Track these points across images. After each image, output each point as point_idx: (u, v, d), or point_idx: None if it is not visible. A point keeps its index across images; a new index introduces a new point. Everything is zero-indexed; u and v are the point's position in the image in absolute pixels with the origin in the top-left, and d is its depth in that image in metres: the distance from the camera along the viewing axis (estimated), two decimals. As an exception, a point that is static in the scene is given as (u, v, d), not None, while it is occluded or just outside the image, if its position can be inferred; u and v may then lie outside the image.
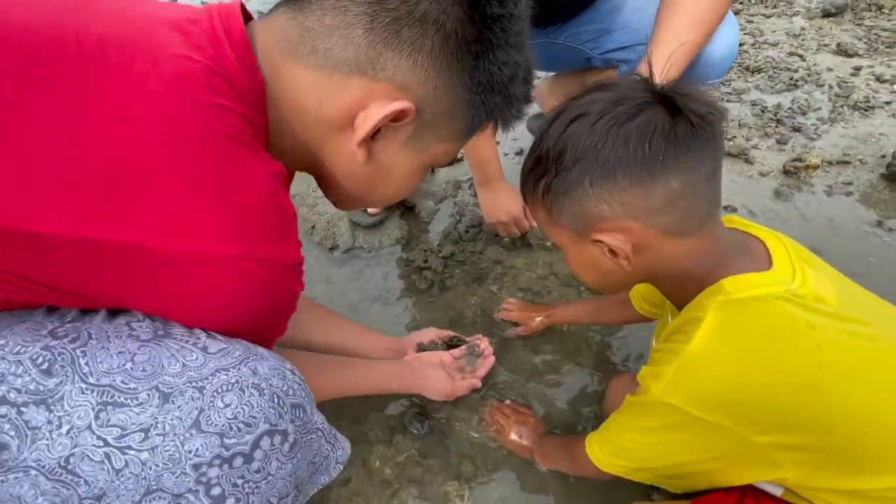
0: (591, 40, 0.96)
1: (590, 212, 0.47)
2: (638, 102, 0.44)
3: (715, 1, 0.73)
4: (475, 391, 0.83)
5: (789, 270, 0.46)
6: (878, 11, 2.10)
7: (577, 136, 0.45)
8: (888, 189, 1.19)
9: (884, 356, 0.44)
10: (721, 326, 0.44)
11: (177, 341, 0.40)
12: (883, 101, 1.53)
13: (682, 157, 0.43)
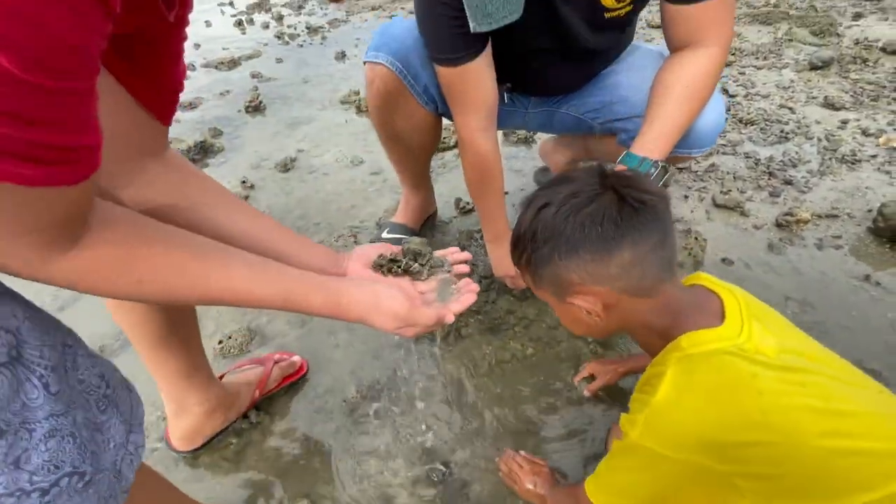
0: (592, 111, 1.06)
1: (563, 280, 0.58)
2: (590, 194, 0.55)
3: (701, 84, 0.82)
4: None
5: (738, 325, 0.54)
6: (863, 64, 2.23)
7: (545, 221, 0.57)
8: (875, 243, 1.27)
9: (812, 399, 0.51)
10: (679, 379, 0.53)
11: (26, 368, 0.39)
12: (868, 154, 1.63)
13: (629, 235, 0.54)
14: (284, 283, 0.52)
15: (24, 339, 0.40)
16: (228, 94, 2.48)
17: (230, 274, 0.48)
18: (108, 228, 0.41)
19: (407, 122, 1.04)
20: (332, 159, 1.83)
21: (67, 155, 0.33)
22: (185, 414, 0.85)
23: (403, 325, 0.56)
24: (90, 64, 0.32)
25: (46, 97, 0.30)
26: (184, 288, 0.46)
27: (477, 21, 0.79)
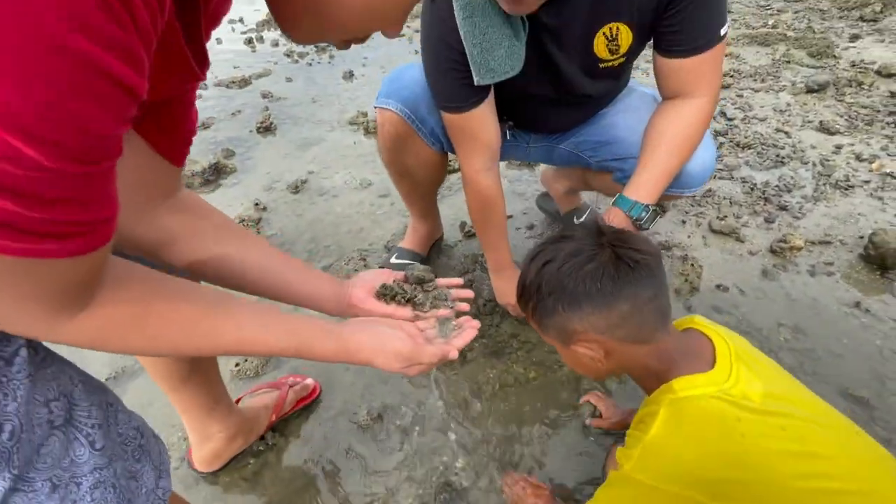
0: (589, 150, 1.12)
1: (566, 328, 0.63)
2: (589, 253, 0.61)
3: (690, 134, 0.88)
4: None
5: (726, 370, 0.59)
6: (858, 87, 2.28)
7: (549, 276, 0.62)
8: (865, 270, 1.32)
9: (791, 443, 0.55)
10: (670, 420, 0.58)
11: (76, 428, 0.44)
12: (862, 179, 1.67)
13: (626, 290, 0.59)
14: (294, 332, 0.53)
15: (75, 401, 0.45)
16: (240, 113, 2.56)
17: (241, 325, 0.49)
18: (121, 287, 0.41)
19: (415, 160, 1.10)
20: (341, 181, 1.90)
21: (83, 228, 0.33)
22: (208, 441, 0.90)
23: (408, 364, 0.58)
24: (115, 147, 0.32)
25: (71, 181, 0.31)
26: (196, 342, 0.47)
27: (480, 75, 0.85)
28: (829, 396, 1.02)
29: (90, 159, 0.31)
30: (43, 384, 0.42)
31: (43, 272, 0.34)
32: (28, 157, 0.27)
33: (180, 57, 0.41)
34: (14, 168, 0.27)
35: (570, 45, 0.87)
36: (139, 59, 0.30)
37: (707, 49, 0.84)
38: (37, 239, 0.31)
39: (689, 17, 0.81)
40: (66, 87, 0.26)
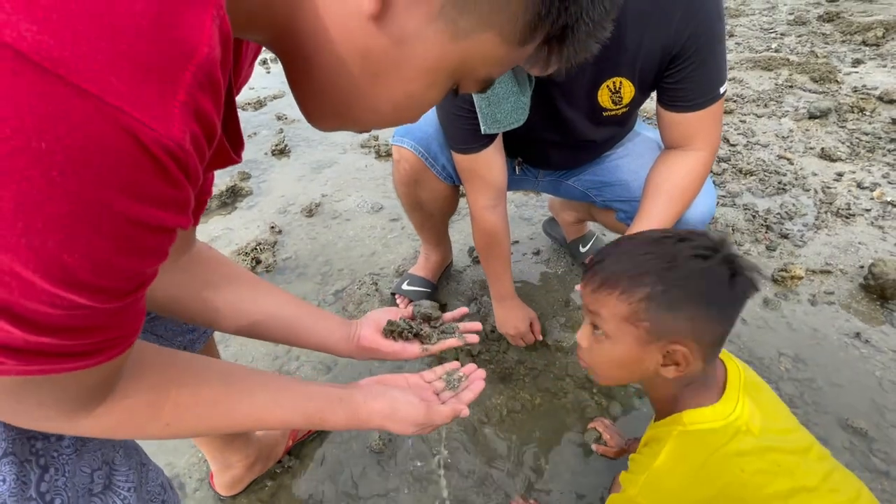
0: (594, 188, 1.17)
1: (674, 328, 0.59)
2: (722, 260, 0.58)
3: (688, 185, 0.92)
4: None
5: (733, 403, 0.62)
6: (860, 114, 2.32)
7: (686, 267, 0.57)
8: (866, 300, 1.35)
9: (784, 477, 0.59)
10: (676, 452, 0.62)
11: (114, 493, 0.47)
12: (863, 207, 1.71)
13: (735, 311, 0.60)
14: (306, 405, 0.53)
15: (116, 467, 0.49)
16: (255, 136, 2.64)
17: (254, 402, 0.50)
18: (137, 378, 0.42)
19: (428, 194, 1.16)
20: (353, 204, 1.96)
21: (112, 343, 0.33)
22: (229, 469, 0.95)
23: (421, 429, 0.59)
24: (154, 276, 0.33)
25: (109, 314, 0.31)
26: (212, 424, 0.48)
27: (487, 125, 0.91)
28: (829, 427, 1.05)
29: (131, 295, 0.31)
30: (89, 455, 0.47)
31: (67, 382, 0.34)
32: (71, 300, 0.27)
33: (222, 154, 0.40)
34: (54, 310, 0.27)
35: (575, 97, 0.93)
36: (189, 203, 0.30)
37: (707, 106, 0.88)
38: (66, 359, 0.31)
39: (690, 76, 0.85)
40: (122, 245, 0.27)
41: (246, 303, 0.63)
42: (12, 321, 0.26)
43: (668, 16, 0.80)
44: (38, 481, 0.41)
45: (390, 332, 0.68)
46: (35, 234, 0.24)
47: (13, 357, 0.29)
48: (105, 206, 0.25)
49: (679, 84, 0.86)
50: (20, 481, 0.39)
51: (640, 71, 0.87)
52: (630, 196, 1.06)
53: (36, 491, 0.40)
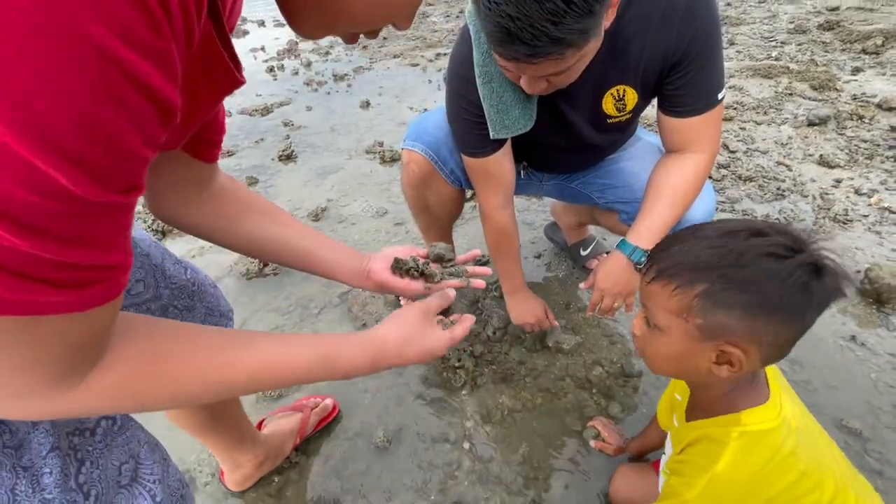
0: (597, 190, 1.20)
1: (731, 327, 0.54)
2: (802, 262, 0.52)
3: (688, 187, 0.95)
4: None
5: (778, 400, 0.62)
6: (859, 121, 2.35)
7: (753, 266, 0.52)
8: (862, 304, 1.37)
9: (829, 472, 0.60)
10: (740, 454, 0.59)
11: (140, 485, 0.50)
12: (860, 213, 1.73)
13: (810, 316, 0.53)
14: (317, 343, 0.50)
15: (141, 461, 0.52)
16: (262, 141, 2.70)
17: (257, 348, 0.46)
18: (127, 340, 0.39)
19: (436, 196, 1.20)
20: (358, 209, 2.00)
21: (102, 275, 0.31)
22: (239, 468, 0.98)
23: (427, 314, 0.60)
24: (139, 175, 0.30)
25: (95, 214, 0.28)
26: (214, 378, 0.43)
27: (496, 131, 0.95)
28: (825, 427, 1.06)
29: (116, 186, 0.28)
30: (117, 450, 0.50)
31: (56, 330, 0.31)
32: (56, 183, 0.25)
33: (221, 66, 0.39)
34: (39, 199, 0.25)
35: (580, 104, 0.96)
36: (174, 70, 0.28)
37: (706, 111, 0.91)
38: (53, 290, 0.28)
39: (690, 83, 0.89)
40: (100, 93, 0.24)
41: (265, 233, 0.66)
42: None
43: (668, 26, 0.84)
44: (77, 473, 0.44)
45: (397, 269, 0.70)
46: (9, 71, 0.21)
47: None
48: (81, 31, 0.22)
49: (679, 90, 0.90)
50: (63, 473, 0.42)
51: (642, 79, 0.91)
52: (632, 198, 1.09)
53: (75, 482, 0.43)
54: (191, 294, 0.68)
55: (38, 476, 0.41)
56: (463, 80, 0.94)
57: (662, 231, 0.94)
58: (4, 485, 0.39)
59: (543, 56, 0.70)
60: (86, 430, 0.46)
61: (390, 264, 0.70)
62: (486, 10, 0.67)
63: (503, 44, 0.70)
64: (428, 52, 4.16)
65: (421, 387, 1.24)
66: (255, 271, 1.65)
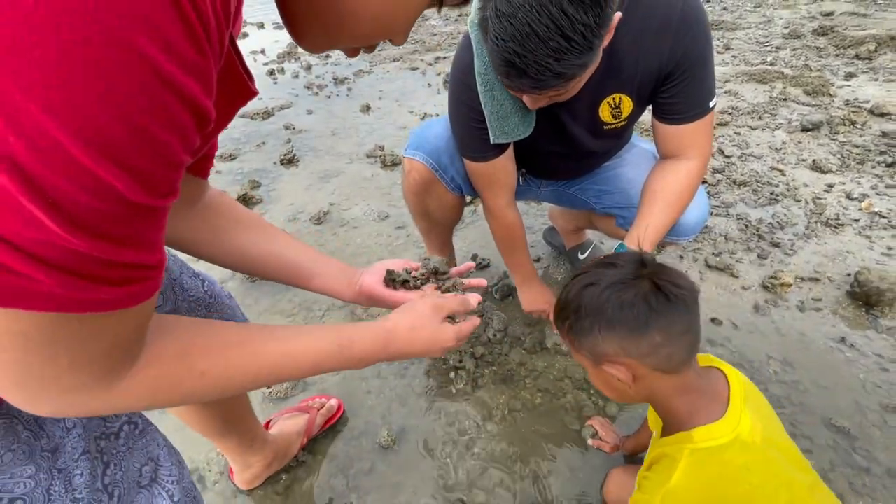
0: (594, 196, 1.24)
1: (599, 350, 0.65)
2: (630, 281, 0.63)
3: (682, 192, 0.99)
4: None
5: (737, 415, 0.66)
6: (851, 126, 2.40)
7: (589, 297, 0.65)
8: (852, 306, 1.41)
9: (782, 489, 0.63)
10: (690, 470, 0.65)
11: (160, 485, 0.52)
12: (851, 218, 1.77)
13: (661, 320, 0.61)
14: (334, 334, 0.53)
15: (160, 463, 0.55)
16: (264, 145, 2.73)
17: (279, 339, 0.49)
18: (160, 334, 0.41)
19: (437, 203, 1.23)
20: (360, 213, 2.03)
21: (145, 273, 0.33)
22: (248, 468, 1.01)
23: (443, 313, 0.61)
24: (178, 181, 0.32)
25: (143, 217, 0.30)
26: (244, 369, 0.46)
27: (496, 136, 0.98)
28: (814, 426, 1.10)
29: (161, 192, 0.31)
30: (138, 452, 0.53)
31: (108, 326, 0.34)
32: (114, 189, 0.27)
33: (236, 77, 0.41)
34: (98, 203, 0.27)
35: (578, 112, 1.00)
36: (211, 85, 0.31)
37: (698, 119, 0.95)
38: (108, 287, 0.31)
39: (683, 91, 0.93)
40: (154, 109, 0.27)
41: (255, 247, 0.66)
42: (46, 207, 0.26)
43: (662, 40, 0.89)
44: (102, 475, 0.47)
45: (391, 281, 0.70)
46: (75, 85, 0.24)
47: (49, 273, 0.28)
48: (135, 50, 0.25)
49: (673, 98, 0.94)
50: (91, 475, 0.45)
51: (638, 87, 0.95)
52: (628, 203, 1.13)
53: (101, 483, 0.46)
54: (208, 306, 0.71)
55: (71, 477, 0.44)
56: (465, 86, 0.98)
57: (659, 234, 0.97)
58: (41, 485, 0.42)
59: (548, 88, 0.76)
60: (111, 434, 0.49)
61: (383, 277, 0.70)
62: (493, 45, 0.72)
63: (510, 77, 0.76)
64: (427, 56, 4.20)
65: (423, 387, 1.27)
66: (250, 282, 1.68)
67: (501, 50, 0.71)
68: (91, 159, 0.25)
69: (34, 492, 0.41)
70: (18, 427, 0.41)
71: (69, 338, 0.32)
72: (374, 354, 0.56)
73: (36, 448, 0.42)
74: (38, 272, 0.27)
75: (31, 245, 0.27)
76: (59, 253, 0.27)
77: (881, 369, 1.22)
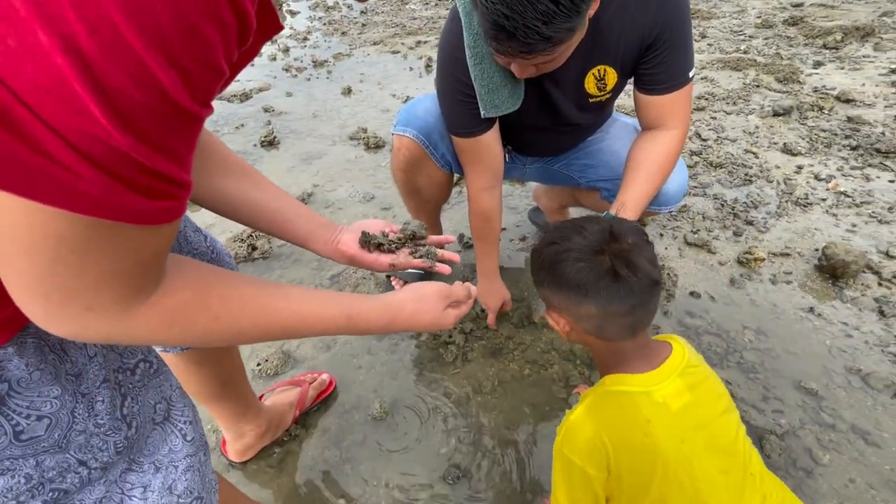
0: (579, 171, 1.27)
1: (547, 299, 0.72)
2: (589, 251, 0.65)
3: (664, 161, 1.03)
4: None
5: (659, 377, 0.67)
6: (819, 112, 2.50)
7: (549, 254, 0.69)
8: (819, 279, 1.49)
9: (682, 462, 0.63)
10: (592, 407, 0.68)
11: (172, 424, 0.54)
12: (819, 197, 1.86)
13: (600, 296, 0.64)
14: (343, 300, 0.54)
15: (173, 403, 0.56)
16: (243, 127, 2.66)
17: (291, 298, 0.50)
18: (180, 273, 0.42)
19: (427, 180, 1.24)
20: (345, 194, 2.02)
21: (174, 191, 0.33)
22: (242, 438, 1.01)
23: (448, 300, 0.62)
24: (213, 94, 0.32)
25: (178, 122, 0.30)
26: (256, 318, 0.47)
27: (486, 110, 0.99)
28: (785, 389, 1.17)
29: (199, 98, 0.30)
30: (152, 390, 0.53)
31: (131, 243, 0.33)
32: (159, 83, 0.27)
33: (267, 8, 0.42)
34: (142, 96, 0.27)
35: (564, 84, 1.02)
36: (250, 14, 0.31)
37: (678, 88, 0.99)
38: (137, 196, 0.30)
39: (664, 62, 0.97)
40: (206, 7, 0.27)
41: (238, 191, 0.65)
42: (97, 96, 0.25)
43: (644, 11, 0.91)
44: (121, 405, 0.47)
45: (365, 243, 0.70)
46: None
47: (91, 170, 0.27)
48: None
49: (654, 69, 0.97)
50: (112, 403, 0.46)
51: (621, 58, 0.97)
52: (612, 175, 1.16)
53: (120, 413, 0.47)
54: (210, 261, 0.71)
55: (93, 403, 0.44)
56: (455, 60, 0.98)
57: (643, 202, 1.01)
58: (66, 406, 0.42)
59: (536, 52, 0.77)
60: (127, 368, 0.50)
61: (359, 237, 0.71)
62: (483, 7, 0.73)
63: (499, 40, 0.77)
64: (408, 40, 4.15)
65: (414, 362, 1.29)
66: (242, 255, 1.66)
67: (491, 12, 0.72)
68: (143, 47, 0.25)
69: (59, 412, 0.42)
70: (45, 349, 0.42)
71: (99, 249, 0.32)
72: (376, 328, 0.58)
73: (61, 371, 0.42)
74: (81, 167, 0.27)
75: (78, 138, 0.26)
76: (103, 150, 0.27)
77: (846, 335, 1.30)
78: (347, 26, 4.77)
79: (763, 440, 1.05)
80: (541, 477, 1.02)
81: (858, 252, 1.45)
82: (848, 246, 1.48)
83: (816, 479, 0.99)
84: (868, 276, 1.47)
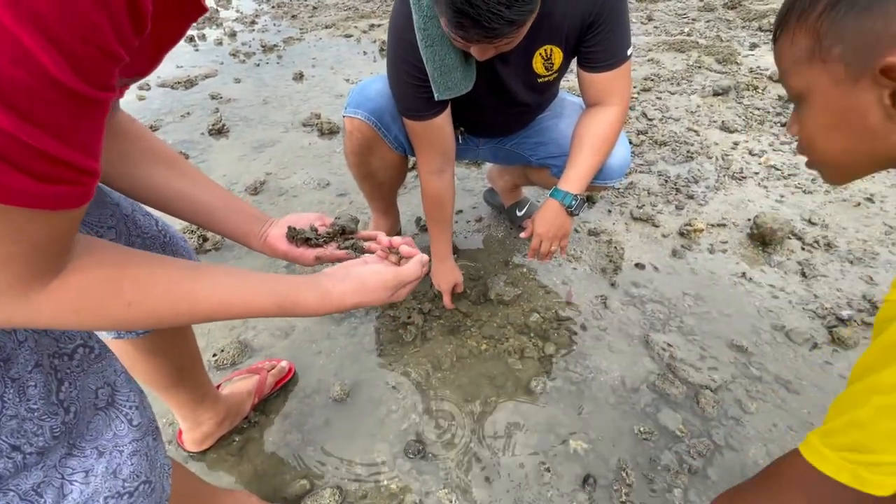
0: (530, 149, 1.30)
1: (878, 30, 0.40)
2: None
3: (607, 136, 1.08)
4: None
5: None
6: (754, 91, 2.65)
7: None
8: (751, 246, 1.60)
9: None
10: None
11: (117, 409, 0.53)
12: (753, 171, 1.99)
13: None
14: (275, 286, 0.51)
15: (117, 388, 0.55)
16: (189, 115, 2.55)
17: (217, 283, 0.47)
18: (91, 255, 0.40)
19: (380, 162, 1.24)
20: (299, 181, 1.98)
21: (73, 176, 0.32)
22: (199, 426, 1.00)
23: (395, 289, 0.58)
24: (110, 76, 0.31)
25: (71, 105, 0.29)
26: (175, 305, 0.45)
27: (440, 92, 1.00)
28: (720, 347, 1.27)
29: (95, 81, 0.30)
30: (93, 375, 0.53)
31: (26, 227, 0.32)
32: (40, 63, 0.26)
33: None
34: (24, 75, 0.26)
35: (513, 65, 1.05)
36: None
37: (617, 66, 1.04)
38: (29, 179, 0.29)
39: (605, 40, 1.01)
40: None
41: (166, 182, 0.63)
42: None
43: None
44: (57, 391, 0.47)
45: (292, 238, 0.69)
46: None
47: None
48: None
49: (595, 47, 1.02)
50: (46, 388, 0.45)
51: (566, 38, 1.01)
52: (561, 152, 1.21)
53: (56, 398, 0.46)
54: (163, 245, 0.69)
55: (25, 387, 0.43)
56: (406, 43, 0.98)
57: (588, 176, 1.06)
58: None
59: (501, 36, 0.79)
60: (64, 353, 0.49)
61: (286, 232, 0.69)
62: None
63: (463, 27, 0.77)
64: (361, 23, 4.07)
65: (374, 344, 1.30)
66: (194, 247, 1.61)
67: (454, 1, 0.73)
68: (21, 28, 0.25)
69: None
70: None
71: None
72: (311, 314, 0.55)
73: None
74: None
75: None
76: None
77: (772, 297, 1.41)
78: (298, 9, 4.61)
79: (698, 395, 1.14)
80: (498, 444, 1.07)
81: (784, 220, 1.58)
82: (776, 215, 1.60)
83: (745, 426, 1.09)
84: (793, 242, 1.60)
